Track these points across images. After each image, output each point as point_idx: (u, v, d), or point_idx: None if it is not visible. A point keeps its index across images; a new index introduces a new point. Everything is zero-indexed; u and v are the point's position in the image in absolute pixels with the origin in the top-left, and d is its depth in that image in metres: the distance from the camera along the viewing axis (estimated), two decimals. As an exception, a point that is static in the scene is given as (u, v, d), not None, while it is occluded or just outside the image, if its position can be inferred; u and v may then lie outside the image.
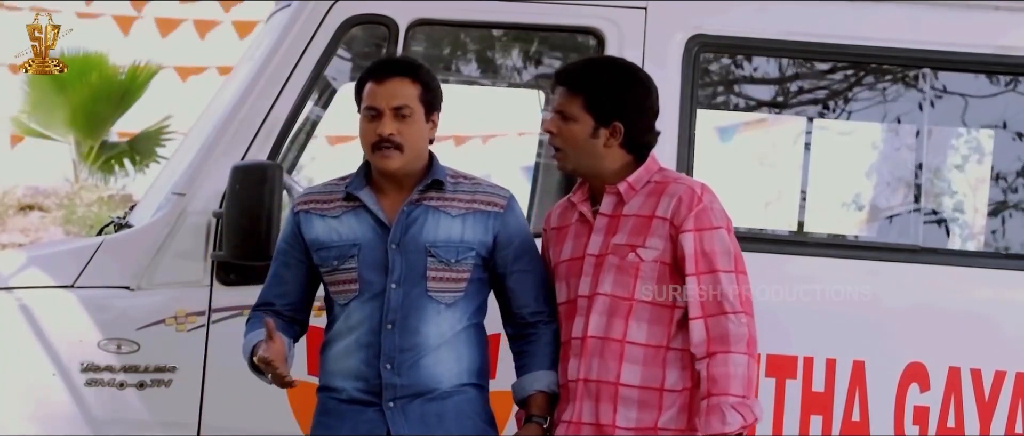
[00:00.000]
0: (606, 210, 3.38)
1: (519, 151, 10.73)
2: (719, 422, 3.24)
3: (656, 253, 3.31)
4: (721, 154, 8.61)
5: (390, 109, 3.31)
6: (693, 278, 3.28)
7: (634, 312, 3.30)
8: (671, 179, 3.38)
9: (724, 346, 3.25)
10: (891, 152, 7.17)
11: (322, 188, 3.46)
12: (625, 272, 3.31)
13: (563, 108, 3.36)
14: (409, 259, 3.33)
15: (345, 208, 3.38)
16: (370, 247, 3.34)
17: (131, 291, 4.05)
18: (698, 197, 3.32)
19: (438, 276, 3.34)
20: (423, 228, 3.35)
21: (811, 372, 4.10)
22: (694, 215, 3.30)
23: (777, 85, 5.18)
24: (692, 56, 4.20)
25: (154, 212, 4.21)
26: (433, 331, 3.34)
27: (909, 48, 4.26)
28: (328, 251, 3.37)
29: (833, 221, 7.78)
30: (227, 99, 4.27)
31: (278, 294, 3.44)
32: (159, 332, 4.01)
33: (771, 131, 8.85)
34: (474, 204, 3.38)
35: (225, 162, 4.02)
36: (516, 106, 7.54)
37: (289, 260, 3.43)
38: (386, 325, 3.32)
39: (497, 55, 5.31)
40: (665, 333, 3.32)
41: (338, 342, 3.39)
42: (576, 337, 3.35)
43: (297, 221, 3.42)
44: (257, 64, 4.20)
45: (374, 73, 3.36)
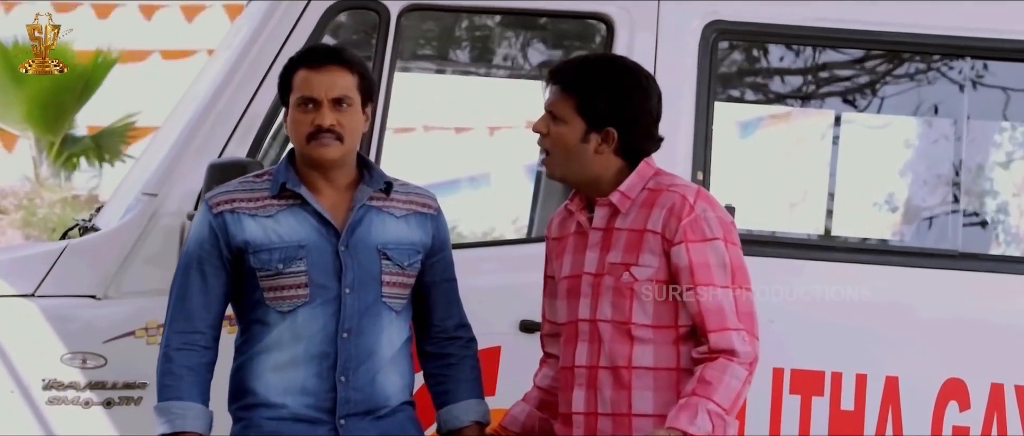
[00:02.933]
0: (599, 223, 3.35)
1: (521, 147, 10.75)
2: (688, 419, 3.19)
3: (651, 271, 3.28)
4: (741, 151, 8.61)
5: (329, 100, 3.33)
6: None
7: (635, 337, 3.29)
8: (665, 185, 3.34)
9: (728, 356, 3.24)
10: (927, 148, 7.17)
11: (239, 186, 3.42)
12: (621, 294, 3.30)
13: (554, 108, 3.35)
14: (361, 261, 3.34)
15: (280, 206, 3.37)
16: (317, 249, 3.34)
17: (97, 300, 4.05)
18: (690, 206, 3.28)
19: (392, 280, 3.37)
20: (371, 228, 3.36)
21: (840, 389, 4.10)
22: (686, 226, 3.26)
23: (802, 75, 5.18)
24: (709, 44, 4.21)
25: (123, 214, 4.21)
26: (386, 341, 3.36)
27: (948, 34, 4.26)
28: (269, 253, 3.34)
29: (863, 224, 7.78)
30: (203, 91, 4.28)
31: (206, 313, 3.36)
32: (128, 345, 4.01)
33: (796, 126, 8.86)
34: (411, 205, 3.43)
35: (200, 159, 4.03)
36: (519, 98, 7.54)
37: (208, 268, 3.37)
38: (341, 333, 3.32)
39: (497, 43, 5.32)
40: (673, 354, 3.31)
41: (275, 353, 3.34)
42: (581, 365, 3.34)
43: (221, 222, 3.37)
44: (235, 53, 4.21)
45: (308, 60, 3.37)
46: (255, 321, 3.38)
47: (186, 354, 3.35)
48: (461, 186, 12.47)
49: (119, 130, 13.57)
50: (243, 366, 3.38)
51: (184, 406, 3.31)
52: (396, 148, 3.97)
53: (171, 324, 3.38)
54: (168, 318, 3.39)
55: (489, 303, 3.92)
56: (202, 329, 3.37)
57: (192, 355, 3.35)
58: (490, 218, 12.30)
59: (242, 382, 3.38)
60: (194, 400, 3.32)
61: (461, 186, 12.47)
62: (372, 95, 3.43)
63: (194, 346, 3.36)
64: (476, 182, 12.76)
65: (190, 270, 3.38)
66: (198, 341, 3.36)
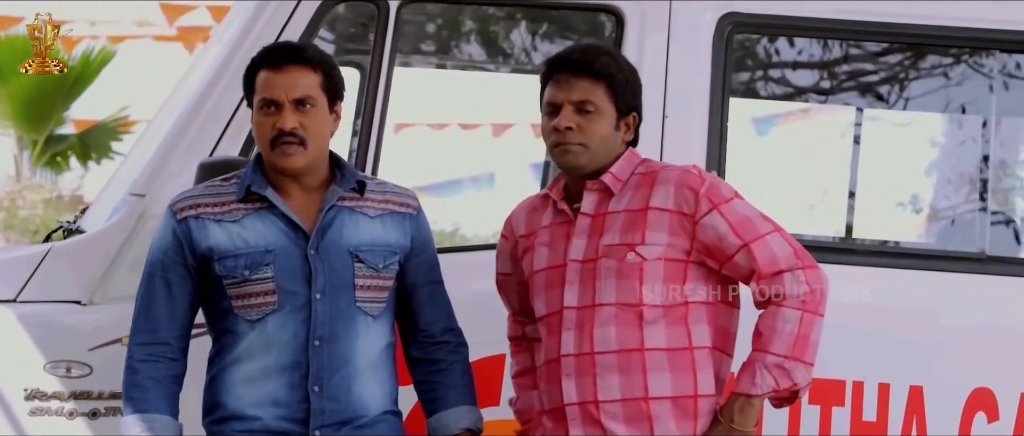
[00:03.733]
0: (588, 209, 3.40)
1: (527, 145, 10.75)
2: (748, 382, 3.31)
3: (660, 249, 3.34)
4: (757, 149, 8.61)
5: (290, 101, 3.33)
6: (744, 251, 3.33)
7: (646, 318, 3.33)
8: (658, 167, 3.43)
9: (777, 301, 3.33)
10: (953, 146, 7.17)
11: (204, 191, 3.44)
12: (627, 276, 3.34)
13: (587, 96, 3.37)
14: (332, 265, 3.34)
15: (246, 210, 3.38)
16: (285, 254, 3.34)
17: (83, 306, 4.05)
18: (699, 177, 3.37)
19: (366, 284, 3.36)
20: (342, 230, 3.36)
21: (861, 399, 4.10)
22: (706, 196, 3.35)
23: (821, 70, 5.19)
24: (724, 37, 4.20)
25: (109, 215, 4.21)
26: (362, 348, 3.35)
27: (975, 27, 4.26)
28: (235, 260, 3.35)
29: (886, 225, 7.78)
30: (193, 86, 4.28)
31: (172, 323, 3.37)
32: (115, 353, 3.98)
33: (815, 123, 8.85)
34: (387, 205, 3.43)
35: (191, 158, 4.03)
36: (523, 94, 7.55)
37: (172, 277, 3.39)
38: (313, 341, 3.32)
39: (501, 38, 5.32)
40: (685, 333, 3.36)
41: (246, 363, 3.36)
42: (568, 354, 3.37)
43: (185, 229, 3.38)
44: (227, 47, 4.21)
45: (269, 60, 3.37)
46: (224, 331, 3.39)
47: (152, 366, 3.36)
48: (464, 186, 12.48)
49: (108, 127, 13.55)
50: (215, 378, 3.39)
51: (151, 418, 3.32)
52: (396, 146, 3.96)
53: (135, 336, 3.39)
54: (132, 329, 3.40)
55: (491, 309, 3.92)
56: (168, 340, 3.38)
57: (158, 367, 3.36)
58: (494, 220, 12.31)
59: (214, 395, 3.38)
60: (162, 412, 3.33)
61: (464, 186, 12.48)
62: (339, 92, 3.41)
63: (160, 357, 3.37)
64: (479, 182, 12.76)
65: (154, 279, 3.40)
66: (164, 353, 3.37)
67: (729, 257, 3.35)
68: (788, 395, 3.37)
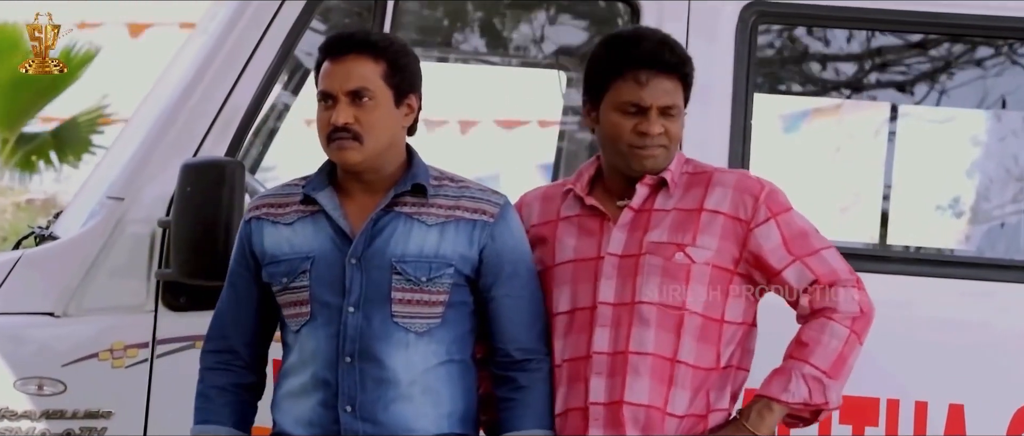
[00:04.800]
0: (636, 203, 3.44)
1: (534, 144, 10.76)
2: (780, 387, 3.34)
3: (709, 254, 3.39)
4: (784, 148, 8.61)
5: (345, 93, 3.33)
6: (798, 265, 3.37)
7: (685, 325, 3.37)
8: (707, 169, 3.49)
9: (828, 313, 3.37)
10: (996, 145, 7.16)
11: (281, 189, 3.47)
12: (673, 276, 3.37)
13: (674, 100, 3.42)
14: (371, 276, 3.33)
15: (300, 213, 3.40)
16: (326, 261, 3.35)
17: (56, 318, 4.06)
18: (758, 182, 3.43)
19: (406, 298, 3.34)
20: (391, 240, 3.35)
21: (896, 418, 4.10)
22: (765, 203, 3.41)
23: (854, 63, 5.19)
24: (747, 28, 4.21)
25: (85, 220, 4.22)
26: (401, 365, 3.33)
27: (1019, 16, 4.26)
28: (277, 266, 3.37)
29: (923, 231, 7.77)
30: (176, 81, 4.29)
31: (238, 330, 3.43)
32: (91, 369, 4.01)
33: (846, 120, 8.84)
34: (456, 211, 3.39)
35: (173, 159, 4.03)
36: (531, 89, 7.55)
37: (239, 282, 3.44)
38: (343, 358, 3.33)
39: (507, 29, 5.33)
40: (714, 353, 3.40)
41: (292, 378, 3.39)
42: (601, 352, 3.39)
43: (247, 231, 3.44)
44: (213, 39, 4.21)
45: (329, 50, 3.37)
46: (284, 342, 3.44)
47: (218, 374, 3.42)
48: (467, 188, 12.48)
49: (85, 122, 13.54)
50: (277, 387, 3.44)
51: (213, 429, 3.35)
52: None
53: (206, 343, 3.45)
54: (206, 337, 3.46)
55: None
56: (236, 348, 3.42)
57: (225, 375, 3.41)
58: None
59: (275, 403, 3.43)
60: (223, 423, 3.36)
61: (467, 188, 12.48)
62: (411, 83, 3.38)
63: (229, 366, 3.41)
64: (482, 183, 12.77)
65: (228, 284, 3.47)
66: (232, 361, 3.41)
67: (777, 272, 3.39)
68: (808, 415, 3.39)
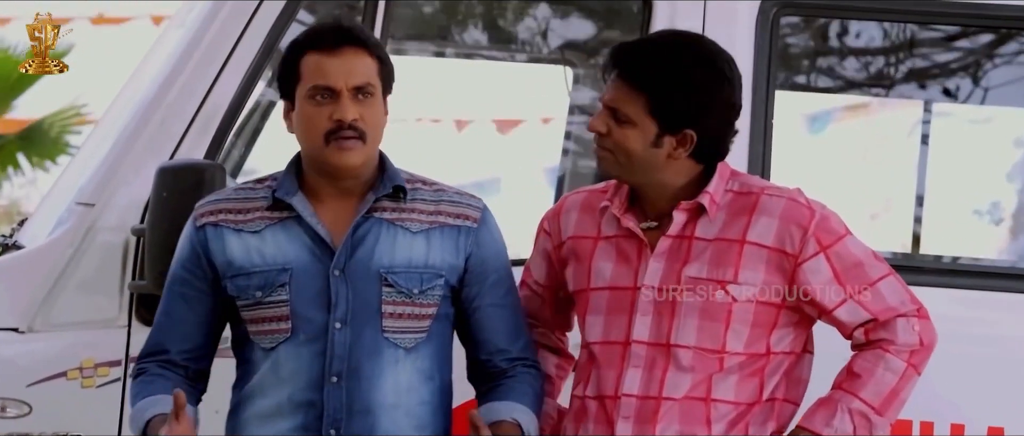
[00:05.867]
0: (675, 231, 3.38)
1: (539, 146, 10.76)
2: (824, 420, 3.33)
3: (753, 291, 3.34)
4: (808, 150, 8.61)
5: (350, 89, 3.33)
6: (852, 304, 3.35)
7: (724, 367, 3.35)
8: (755, 188, 3.40)
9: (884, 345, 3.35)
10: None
11: (233, 194, 3.45)
12: (712, 317, 3.34)
13: (619, 105, 3.35)
14: (357, 289, 3.33)
15: (269, 220, 3.38)
16: (305, 273, 3.34)
17: (20, 334, 4.07)
18: (808, 208, 3.36)
19: (397, 312, 3.35)
20: (375, 248, 3.35)
21: (931, 443, 4.12)
22: (814, 235, 3.34)
23: (885, 58, 5.20)
24: (769, 22, 4.22)
25: (52, 228, 4.22)
26: (390, 385, 3.35)
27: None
28: (248, 279, 3.36)
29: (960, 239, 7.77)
30: (151, 78, 4.29)
31: (176, 337, 3.41)
32: (58, 389, 4.02)
33: (877, 119, 8.85)
34: (438, 217, 3.40)
35: (148, 161, 4.04)
36: (535, 86, 7.56)
37: (189, 292, 3.42)
38: (330, 377, 3.33)
39: (509, 22, 5.34)
40: (756, 385, 3.38)
41: (259, 399, 3.38)
42: (630, 394, 3.37)
43: (202, 238, 3.40)
44: (191, 32, 4.22)
45: (322, 41, 3.36)
46: (243, 359, 3.42)
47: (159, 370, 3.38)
48: (465, 193, 12.49)
49: (56, 124, 13.52)
50: (233, 411, 3.43)
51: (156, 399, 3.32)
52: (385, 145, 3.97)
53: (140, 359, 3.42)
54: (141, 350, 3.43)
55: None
56: (179, 362, 3.40)
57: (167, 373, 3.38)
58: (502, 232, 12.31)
59: (231, 429, 3.41)
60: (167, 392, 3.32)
61: (465, 193, 12.49)
62: (392, 83, 3.42)
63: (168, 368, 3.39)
64: (483, 189, 12.77)
65: (171, 294, 3.43)
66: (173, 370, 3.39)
67: (829, 310, 3.36)
68: None
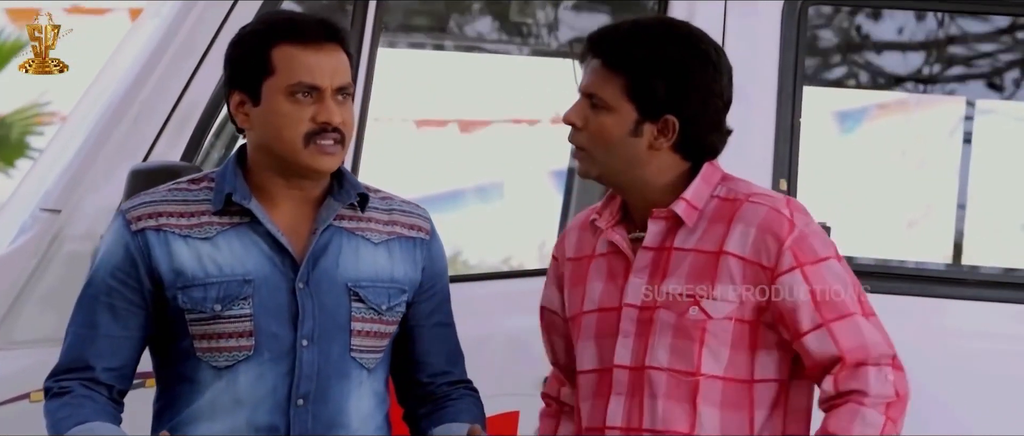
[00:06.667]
0: (652, 242, 3.36)
1: (546, 147, 10.77)
2: None
3: (729, 307, 3.31)
4: (839, 151, 8.62)
5: (333, 89, 3.31)
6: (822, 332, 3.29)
7: (702, 393, 3.31)
8: (741, 195, 3.36)
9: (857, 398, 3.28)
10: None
11: (168, 195, 3.37)
12: (685, 335, 3.31)
13: (595, 90, 3.35)
14: (324, 304, 3.31)
15: (221, 226, 3.34)
16: (267, 285, 3.31)
17: (-20, 353, 4.08)
18: (789, 220, 3.31)
19: (365, 329, 3.34)
20: (339, 259, 3.33)
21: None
22: (791, 248, 3.29)
23: (924, 51, 5.19)
24: (796, 12, 4.22)
25: (14, 236, 4.23)
26: (354, 410, 3.34)
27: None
28: (204, 290, 3.30)
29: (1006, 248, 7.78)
30: (122, 74, 4.29)
31: (102, 353, 3.32)
32: (21, 412, 4.04)
33: (914, 117, 8.85)
34: (395, 227, 3.39)
35: (119, 164, 4.05)
36: (542, 82, 7.55)
37: (118, 303, 3.33)
38: (296, 400, 3.30)
39: (514, 13, 5.33)
40: (745, 419, 3.34)
41: (206, 422, 3.32)
42: (614, 427, 3.34)
43: (142, 244, 3.33)
44: (166, 26, 4.23)
45: (304, 35, 3.32)
46: (180, 378, 3.34)
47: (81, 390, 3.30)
48: (465, 198, 12.48)
49: (17, 123, 13.62)
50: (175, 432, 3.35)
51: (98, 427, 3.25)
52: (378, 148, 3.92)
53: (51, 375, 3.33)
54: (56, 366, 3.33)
55: (504, 354, 3.91)
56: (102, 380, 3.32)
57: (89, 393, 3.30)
58: (504, 242, 12.33)
59: None
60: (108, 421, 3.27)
61: (465, 198, 12.48)
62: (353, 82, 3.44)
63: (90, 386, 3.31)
64: (485, 193, 12.77)
65: (95, 305, 3.34)
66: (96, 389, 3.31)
67: (800, 334, 3.30)
68: None
